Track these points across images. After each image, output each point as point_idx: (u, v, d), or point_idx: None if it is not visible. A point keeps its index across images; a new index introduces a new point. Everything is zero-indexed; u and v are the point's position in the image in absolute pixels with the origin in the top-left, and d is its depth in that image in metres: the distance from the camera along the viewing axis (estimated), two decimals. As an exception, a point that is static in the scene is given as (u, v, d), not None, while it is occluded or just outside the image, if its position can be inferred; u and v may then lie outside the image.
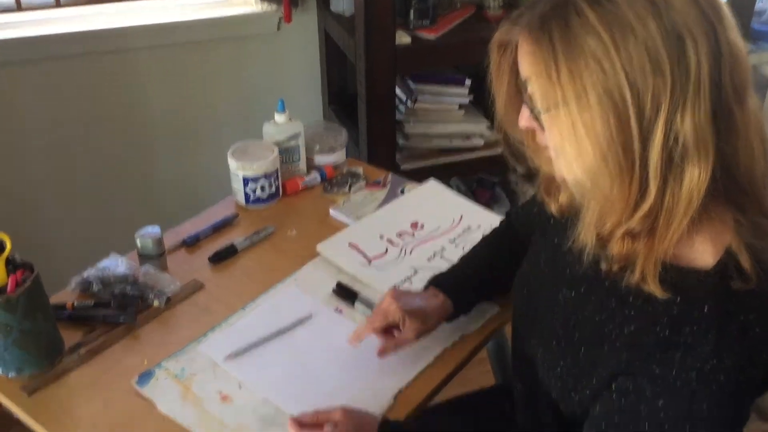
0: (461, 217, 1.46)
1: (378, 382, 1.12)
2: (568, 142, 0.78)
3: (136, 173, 2.21)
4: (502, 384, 1.52)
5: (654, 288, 0.81)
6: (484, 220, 1.45)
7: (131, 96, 2.10)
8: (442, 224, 1.45)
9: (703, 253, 0.82)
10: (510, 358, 1.51)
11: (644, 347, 0.83)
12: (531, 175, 1.07)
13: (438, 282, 1.18)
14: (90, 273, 1.28)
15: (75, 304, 1.23)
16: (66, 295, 1.27)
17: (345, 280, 1.31)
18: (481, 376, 1.64)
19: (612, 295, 0.87)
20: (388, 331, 1.12)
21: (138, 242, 1.32)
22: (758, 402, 1.21)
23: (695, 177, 0.75)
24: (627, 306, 0.86)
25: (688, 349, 0.80)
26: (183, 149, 2.23)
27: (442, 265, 1.29)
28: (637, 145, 0.75)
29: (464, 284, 1.19)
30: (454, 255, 1.33)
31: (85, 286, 1.27)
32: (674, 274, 0.81)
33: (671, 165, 0.75)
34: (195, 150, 2.24)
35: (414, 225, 1.45)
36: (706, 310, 0.79)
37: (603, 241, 0.83)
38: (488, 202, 2.41)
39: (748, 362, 0.79)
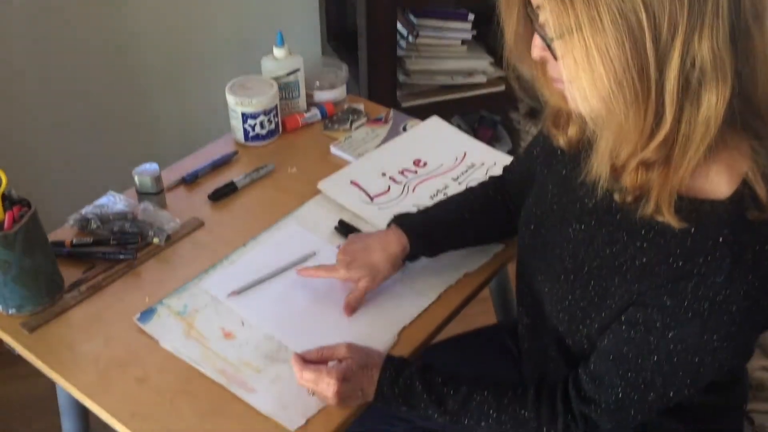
0: (465, 154, 1.44)
1: (381, 319, 1.11)
2: (582, 69, 0.75)
3: (133, 110, 2.16)
4: (503, 322, 1.53)
5: (669, 218, 0.79)
6: (488, 158, 1.43)
7: (125, 29, 2.04)
8: (445, 162, 1.42)
9: (719, 184, 0.81)
10: (511, 296, 1.52)
11: (656, 278, 0.83)
12: (534, 113, 1.05)
13: (400, 220, 1.16)
14: (88, 210, 1.26)
15: (74, 241, 1.22)
16: (64, 233, 1.25)
17: (347, 218, 1.29)
18: (480, 315, 1.65)
19: (623, 228, 0.86)
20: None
21: (136, 180, 1.30)
22: (760, 338, 1.22)
23: (713, 103, 0.73)
24: (639, 238, 0.85)
25: (701, 279, 0.79)
26: (180, 85, 2.19)
27: (445, 203, 1.27)
28: (653, 70, 0.73)
29: (427, 226, 1.15)
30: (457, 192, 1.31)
31: (84, 224, 1.25)
32: (689, 205, 0.80)
33: (688, 91, 0.73)
34: (192, 86, 2.20)
35: (417, 162, 1.42)
36: (721, 240, 0.78)
37: (617, 172, 0.81)
38: (490, 141, 2.38)
39: (761, 293, 0.78)
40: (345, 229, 1.26)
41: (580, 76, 0.76)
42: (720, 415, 1.00)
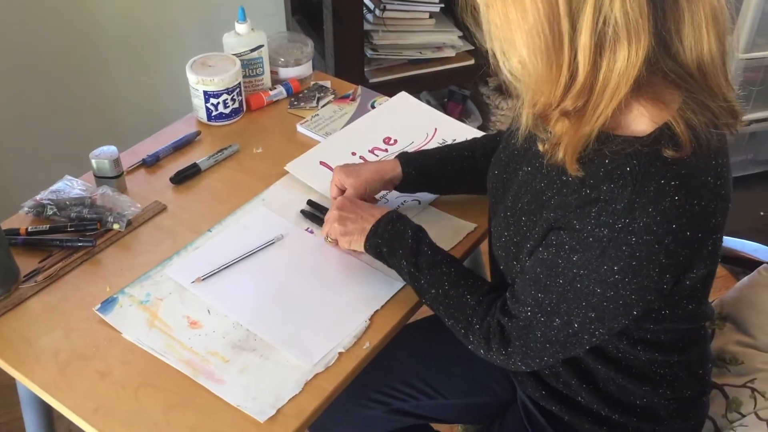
0: (435, 130, 1.41)
1: (352, 302, 1.08)
2: (499, 19, 0.78)
3: (89, 90, 2.09)
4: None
5: (571, 167, 0.82)
6: (459, 133, 1.40)
7: (80, 4, 1.96)
8: (415, 138, 1.39)
9: (642, 125, 0.82)
10: (484, 275, 1.50)
11: (569, 205, 0.85)
12: (503, 88, 1.05)
13: (402, 153, 1.22)
14: (43, 196, 1.21)
15: (29, 229, 1.17)
16: (18, 220, 1.20)
17: (316, 200, 1.25)
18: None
19: (555, 167, 0.88)
20: None
21: (93, 163, 1.25)
22: (734, 314, 1.21)
23: (624, 61, 0.75)
24: (565, 173, 0.86)
25: (604, 204, 0.81)
26: (138, 64, 2.11)
27: (416, 182, 1.24)
28: (565, 26, 0.75)
29: (422, 156, 1.21)
30: (428, 171, 1.28)
31: (39, 210, 1.20)
32: (610, 142, 0.82)
33: (603, 48, 0.76)
34: (151, 64, 2.13)
35: (387, 140, 1.39)
36: (628, 169, 0.80)
37: (546, 121, 0.83)
38: (459, 116, 2.35)
39: (663, 231, 0.79)
40: (314, 209, 1.23)
41: (497, 26, 0.79)
42: (673, 376, 1.00)
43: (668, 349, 0.97)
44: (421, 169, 1.20)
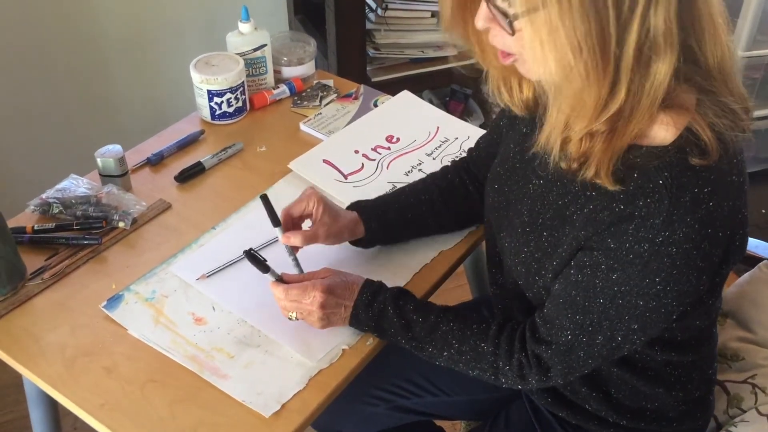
0: (438, 129, 1.41)
1: (356, 300, 1.09)
2: (546, 45, 0.75)
3: (94, 89, 2.10)
4: (479, 298, 1.52)
5: (606, 182, 0.82)
6: (462, 132, 1.41)
7: (83, 5, 1.97)
8: (418, 137, 1.40)
9: (665, 132, 0.82)
10: (486, 272, 1.51)
11: (601, 222, 0.84)
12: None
13: (356, 204, 1.14)
14: (49, 194, 1.22)
15: (35, 227, 1.18)
16: (24, 218, 1.21)
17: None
18: (456, 289, 1.64)
19: (576, 180, 0.87)
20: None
21: (99, 162, 1.26)
22: (735, 310, 1.22)
23: (660, 72, 0.75)
24: (589, 188, 0.86)
25: (642, 221, 0.81)
26: (142, 63, 2.12)
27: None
28: (613, 43, 0.74)
29: (382, 209, 1.14)
30: (431, 168, 1.29)
31: (45, 209, 1.21)
32: (634, 153, 0.82)
33: (641, 61, 0.75)
34: (155, 64, 2.14)
35: (389, 138, 1.39)
36: (660, 182, 0.80)
37: (564, 141, 0.83)
38: (461, 115, 2.36)
39: (701, 237, 0.80)
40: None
41: (544, 52, 0.76)
42: (686, 377, 1.00)
43: (684, 348, 0.97)
44: (383, 223, 1.13)
